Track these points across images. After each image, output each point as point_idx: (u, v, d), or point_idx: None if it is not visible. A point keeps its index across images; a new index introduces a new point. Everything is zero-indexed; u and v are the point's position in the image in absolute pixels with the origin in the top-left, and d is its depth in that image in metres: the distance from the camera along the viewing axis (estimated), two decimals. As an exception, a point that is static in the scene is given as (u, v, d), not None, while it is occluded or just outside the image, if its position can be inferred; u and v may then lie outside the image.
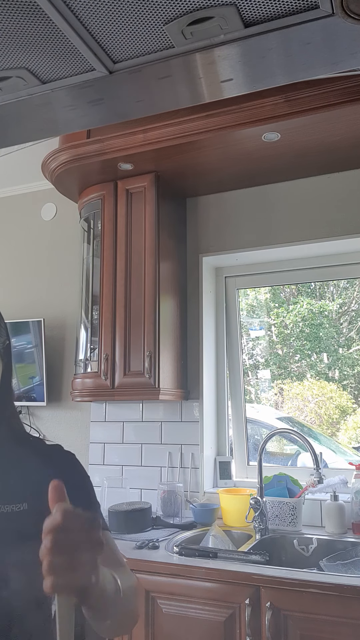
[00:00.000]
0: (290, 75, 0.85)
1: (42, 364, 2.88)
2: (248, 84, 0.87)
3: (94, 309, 2.65)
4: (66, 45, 0.77)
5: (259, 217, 2.66)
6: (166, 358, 2.50)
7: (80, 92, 0.88)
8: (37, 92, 0.88)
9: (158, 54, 0.80)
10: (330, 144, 2.24)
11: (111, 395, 2.47)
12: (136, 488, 2.71)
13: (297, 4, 0.70)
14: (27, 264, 3.22)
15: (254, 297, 3.04)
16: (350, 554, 2.03)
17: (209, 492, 2.58)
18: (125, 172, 2.53)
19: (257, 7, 0.71)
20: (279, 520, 2.28)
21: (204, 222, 2.78)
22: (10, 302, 3.20)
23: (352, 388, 2.82)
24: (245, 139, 2.21)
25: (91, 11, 0.71)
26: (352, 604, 1.60)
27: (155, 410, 2.74)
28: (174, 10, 0.71)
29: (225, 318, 2.88)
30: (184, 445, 2.66)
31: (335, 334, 2.89)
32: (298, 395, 2.89)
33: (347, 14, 0.70)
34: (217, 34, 0.76)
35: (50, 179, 2.66)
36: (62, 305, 3.05)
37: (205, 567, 1.82)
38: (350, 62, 0.80)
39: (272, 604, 1.70)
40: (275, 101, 2.05)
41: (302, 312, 2.91)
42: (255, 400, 3.00)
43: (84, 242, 2.81)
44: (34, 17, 0.71)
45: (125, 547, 2.06)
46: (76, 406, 2.93)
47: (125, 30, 0.75)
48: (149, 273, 2.48)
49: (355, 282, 2.86)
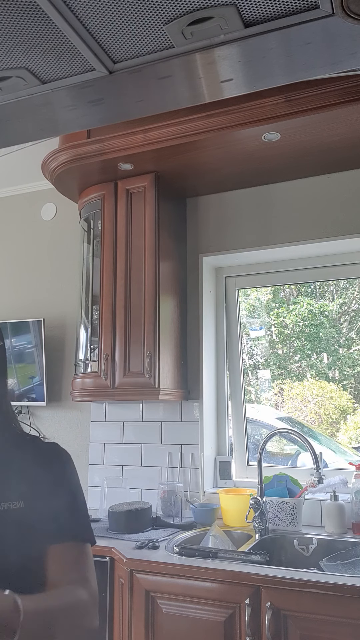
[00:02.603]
0: (290, 75, 0.85)
1: (42, 364, 2.88)
2: (248, 84, 0.87)
3: (94, 309, 2.65)
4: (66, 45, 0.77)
5: (259, 217, 2.66)
6: (166, 358, 2.50)
7: (80, 92, 0.88)
8: (37, 92, 0.88)
9: (158, 54, 0.80)
10: (330, 144, 2.24)
11: (111, 395, 2.47)
12: (136, 488, 2.71)
13: (297, 4, 0.70)
14: (27, 264, 3.22)
15: (255, 298, 3.04)
16: (350, 554, 2.03)
17: (209, 492, 2.58)
18: (125, 172, 2.53)
19: (257, 7, 0.71)
20: (279, 520, 2.28)
21: (204, 222, 2.78)
22: (10, 302, 3.20)
23: (352, 388, 2.82)
24: (245, 139, 2.21)
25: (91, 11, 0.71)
26: (352, 604, 1.60)
27: (155, 410, 2.74)
28: (174, 10, 0.71)
29: (225, 318, 2.88)
30: (184, 445, 2.65)
31: (335, 334, 2.89)
32: (298, 396, 2.89)
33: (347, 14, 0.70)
34: (217, 34, 0.76)
35: (50, 179, 2.66)
36: (62, 305, 3.05)
37: (205, 567, 1.82)
38: (350, 62, 0.80)
39: (272, 604, 1.70)
40: (275, 101, 2.05)
41: (302, 312, 2.91)
42: (255, 400, 3.00)
43: (84, 242, 2.81)
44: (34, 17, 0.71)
45: (125, 547, 2.06)
46: (76, 406, 2.93)
47: (125, 30, 0.75)
48: (149, 273, 2.48)
49: (355, 282, 2.86)
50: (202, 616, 1.79)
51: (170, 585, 1.85)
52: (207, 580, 1.80)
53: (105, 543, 2.12)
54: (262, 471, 2.34)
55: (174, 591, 1.84)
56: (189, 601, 1.81)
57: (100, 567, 2.03)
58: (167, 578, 1.86)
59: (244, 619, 1.72)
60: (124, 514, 2.31)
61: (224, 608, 1.76)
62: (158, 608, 1.86)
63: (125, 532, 2.26)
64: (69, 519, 1.04)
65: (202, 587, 1.80)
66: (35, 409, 3.02)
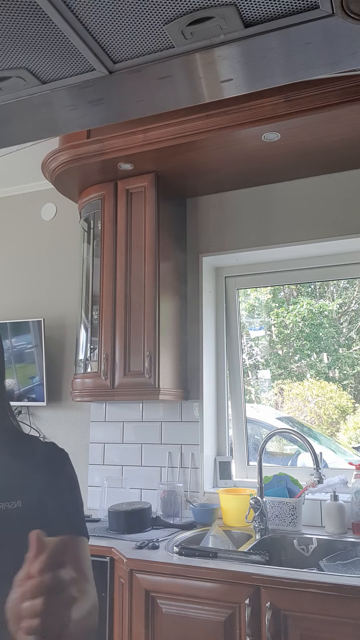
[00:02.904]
0: (290, 75, 0.85)
1: (42, 364, 2.88)
2: (248, 84, 0.87)
3: (94, 309, 2.65)
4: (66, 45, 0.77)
5: (259, 217, 2.66)
6: (166, 358, 2.50)
7: (80, 92, 0.88)
8: (37, 92, 0.88)
9: (158, 54, 0.80)
10: (330, 144, 2.24)
11: (111, 395, 2.47)
12: (136, 488, 2.71)
13: (297, 4, 0.70)
14: (27, 264, 3.22)
15: (254, 298, 3.04)
16: (350, 554, 2.03)
17: (209, 492, 2.58)
18: (125, 172, 2.53)
19: (257, 7, 0.71)
20: (279, 520, 2.28)
21: (204, 222, 2.78)
22: (10, 302, 3.20)
23: (352, 388, 2.82)
24: (245, 139, 2.21)
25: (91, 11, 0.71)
26: (352, 604, 1.60)
27: (155, 410, 2.74)
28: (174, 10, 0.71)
29: (225, 318, 2.88)
30: (184, 445, 2.65)
31: (335, 334, 2.89)
32: (298, 395, 2.89)
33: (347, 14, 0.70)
34: (217, 34, 0.76)
35: (50, 179, 2.65)
36: (62, 305, 3.05)
37: (205, 567, 1.82)
38: (350, 62, 0.80)
39: (272, 604, 1.70)
40: (275, 101, 2.05)
41: (302, 312, 2.91)
42: (255, 400, 3.00)
43: (84, 242, 2.81)
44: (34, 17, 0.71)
45: (125, 547, 2.06)
46: (76, 406, 2.93)
47: (125, 30, 0.75)
48: (149, 273, 2.48)
49: (355, 282, 2.86)
50: (202, 616, 1.79)
51: (170, 585, 1.85)
52: (207, 580, 1.80)
53: (105, 543, 2.12)
54: (262, 471, 2.34)
55: (174, 591, 1.84)
56: (189, 601, 1.81)
57: (100, 567, 2.03)
58: (167, 578, 1.86)
59: (244, 619, 1.72)
60: (124, 514, 2.31)
61: (224, 608, 1.76)
62: (158, 608, 1.86)
63: (125, 532, 2.26)
64: (65, 517, 1.04)
65: (202, 587, 1.80)
66: (35, 409, 3.02)
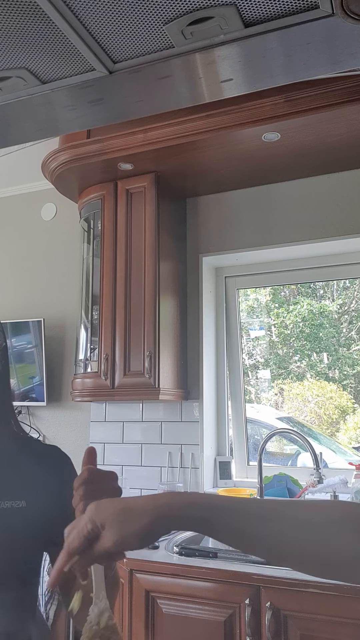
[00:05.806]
0: (290, 75, 0.85)
1: (42, 364, 2.88)
2: (248, 84, 0.87)
3: (94, 309, 2.65)
4: (66, 45, 0.77)
5: (259, 217, 2.66)
6: (166, 358, 2.50)
7: (80, 92, 0.87)
8: (37, 92, 0.88)
9: (158, 54, 0.80)
10: (330, 144, 2.24)
11: (111, 395, 2.47)
12: (136, 488, 2.70)
13: (297, 4, 0.70)
14: (27, 264, 3.22)
15: (254, 299, 3.04)
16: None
17: (209, 492, 2.58)
18: (125, 172, 2.53)
19: (257, 7, 0.71)
20: (279, 520, 2.28)
21: (204, 222, 2.78)
22: (10, 302, 3.20)
23: (352, 388, 2.82)
24: (245, 139, 2.21)
25: (91, 11, 0.71)
26: (352, 604, 1.60)
27: (155, 410, 2.74)
28: (174, 10, 0.71)
29: (225, 318, 2.88)
30: (184, 445, 2.65)
31: (335, 334, 2.89)
32: (298, 396, 2.89)
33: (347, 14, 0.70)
34: (217, 34, 0.76)
35: (50, 179, 2.65)
36: (62, 305, 3.05)
37: (205, 567, 1.82)
38: (350, 62, 0.80)
39: (272, 604, 1.70)
40: (275, 101, 2.05)
41: (302, 312, 2.91)
42: (255, 400, 3.00)
43: (84, 242, 2.81)
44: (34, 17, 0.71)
45: (125, 547, 2.06)
46: (76, 406, 2.93)
47: (125, 30, 0.75)
48: (149, 273, 2.48)
49: (355, 282, 2.86)
50: (202, 616, 1.79)
51: (170, 585, 1.85)
52: (207, 580, 1.80)
53: (105, 543, 2.12)
54: (262, 471, 2.34)
55: (174, 591, 1.84)
56: (189, 601, 1.81)
57: (100, 567, 2.03)
58: (167, 578, 1.86)
59: (244, 619, 1.72)
60: (124, 514, 2.30)
61: (224, 608, 1.76)
62: (158, 608, 1.86)
63: (125, 532, 2.26)
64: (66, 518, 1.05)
65: (202, 587, 1.80)
66: (35, 409, 3.02)
